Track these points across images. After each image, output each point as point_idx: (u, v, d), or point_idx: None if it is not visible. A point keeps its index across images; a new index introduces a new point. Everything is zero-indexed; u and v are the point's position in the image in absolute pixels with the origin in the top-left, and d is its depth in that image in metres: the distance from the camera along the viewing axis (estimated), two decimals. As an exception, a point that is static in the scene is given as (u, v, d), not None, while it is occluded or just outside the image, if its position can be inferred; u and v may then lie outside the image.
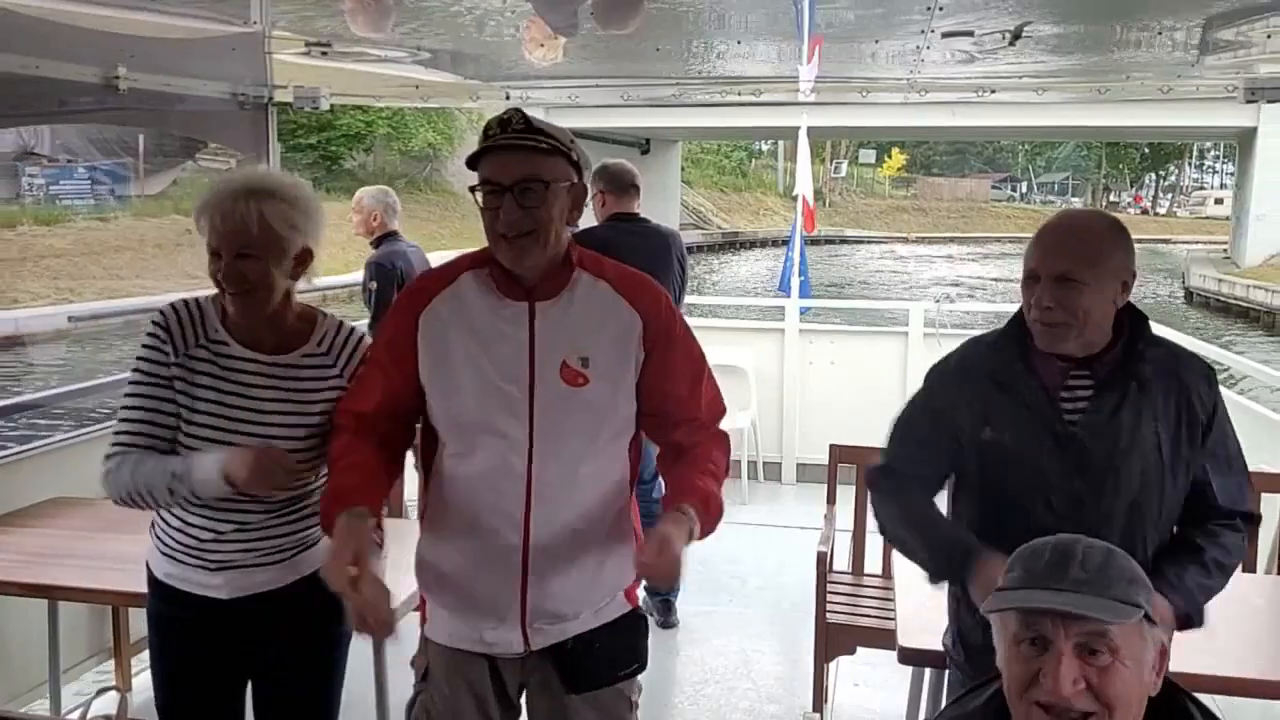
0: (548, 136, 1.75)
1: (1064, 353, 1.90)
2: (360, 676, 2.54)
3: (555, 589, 1.81)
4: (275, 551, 2.07)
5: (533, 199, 1.72)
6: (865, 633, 3.21)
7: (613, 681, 1.89)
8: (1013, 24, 3.12)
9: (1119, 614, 1.32)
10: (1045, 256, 1.86)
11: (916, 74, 4.16)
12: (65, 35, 3.17)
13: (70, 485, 3.34)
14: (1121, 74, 4.12)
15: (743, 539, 5.22)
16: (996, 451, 1.92)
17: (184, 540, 2.07)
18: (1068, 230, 1.90)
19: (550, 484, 1.79)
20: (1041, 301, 1.84)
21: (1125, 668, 1.32)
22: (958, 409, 1.97)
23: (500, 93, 4.71)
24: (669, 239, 4.11)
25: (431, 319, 1.82)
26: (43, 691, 3.26)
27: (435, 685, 1.92)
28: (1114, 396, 1.88)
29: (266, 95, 4.10)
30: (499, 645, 1.85)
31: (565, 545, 1.80)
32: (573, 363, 1.73)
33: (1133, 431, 1.87)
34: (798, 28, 3.17)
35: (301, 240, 1.99)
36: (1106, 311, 1.87)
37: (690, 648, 4.02)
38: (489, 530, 1.80)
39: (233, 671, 2.16)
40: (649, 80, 4.55)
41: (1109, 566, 1.36)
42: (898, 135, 47.47)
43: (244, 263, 1.93)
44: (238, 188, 1.95)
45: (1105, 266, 1.84)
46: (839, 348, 6.27)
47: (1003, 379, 1.93)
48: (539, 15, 2.96)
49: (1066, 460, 1.88)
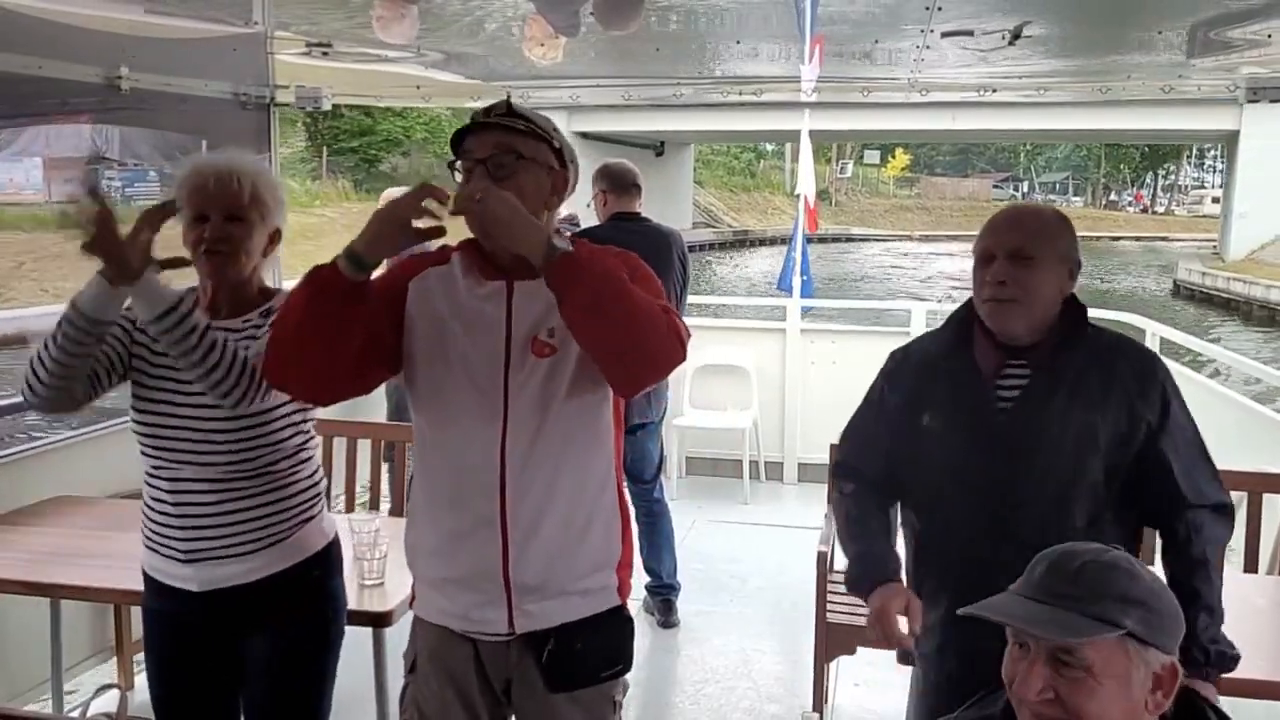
0: (527, 120, 1.81)
1: (1011, 335, 1.92)
2: (359, 673, 2.56)
3: (537, 558, 1.80)
4: (243, 543, 2.07)
5: (504, 171, 1.77)
6: (865, 633, 3.20)
7: (595, 682, 1.89)
8: (1012, 24, 3.13)
9: (1080, 632, 1.30)
10: (998, 235, 1.92)
11: (917, 74, 4.16)
12: (67, 35, 3.19)
13: (72, 484, 3.35)
14: (1123, 74, 4.12)
15: (744, 539, 5.23)
16: (931, 437, 1.96)
17: (155, 529, 2.10)
18: (1018, 212, 1.98)
19: (524, 453, 1.79)
20: (996, 277, 1.89)
21: (1101, 685, 1.30)
22: (896, 395, 2.03)
23: (501, 93, 4.70)
24: (670, 238, 4.12)
25: (421, 286, 1.86)
26: (45, 690, 3.27)
27: (422, 677, 1.93)
28: (1046, 384, 1.89)
29: (268, 95, 4.11)
30: (485, 624, 1.84)
31: (543, 514, 1.80)
32: (542, 336, 1.77)
33: (1063, 419, 1.87)
34: (799, 28, 3.17)
35: (277, 218, 2.11)
36: (1053, 296, 1.90)
37: (690, 647, 4.03)
38: (467, 502, 1.81)
39: (218, 668, 2.16)
40: (650, 80, 4.55)
41: (1100, 581, 1.33)
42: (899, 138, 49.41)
43: (231, 224, 2.03)
44: (229, 161, 2.06)
45: (1055, 247, 1.89)
46: (841, 348, 6.26)
47: (942, 364, 1.99)
48: (540, 15, 2.97)
49: (993, 445, 1.90)
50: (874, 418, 2.09)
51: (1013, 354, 1.93)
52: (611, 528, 1.89)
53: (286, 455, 2.12)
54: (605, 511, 1.88)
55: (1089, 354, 1.92)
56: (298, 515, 2.14)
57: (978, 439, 1.91)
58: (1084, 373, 1.90)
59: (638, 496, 4.12)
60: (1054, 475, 1.88)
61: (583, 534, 1.85)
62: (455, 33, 3.50)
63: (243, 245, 2.05)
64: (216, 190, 2.02)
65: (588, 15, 2.83)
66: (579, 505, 1.84)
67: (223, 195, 2.02)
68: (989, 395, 1.92)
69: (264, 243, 2.10)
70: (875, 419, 2.09)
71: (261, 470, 2.08)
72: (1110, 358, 1.92)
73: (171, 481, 2.07)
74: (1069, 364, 1.90)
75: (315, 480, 2.21)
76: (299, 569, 2.14)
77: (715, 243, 43.48)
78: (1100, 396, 1.89)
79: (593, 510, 1.86)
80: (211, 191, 2.02)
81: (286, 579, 2.12)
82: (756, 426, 6.11)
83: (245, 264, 2.07)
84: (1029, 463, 1.88)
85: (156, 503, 2.10)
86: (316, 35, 3.51)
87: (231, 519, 2.07)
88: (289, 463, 2.12)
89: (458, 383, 1.81)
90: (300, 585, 2.15)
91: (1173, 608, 1.38)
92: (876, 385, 2.10)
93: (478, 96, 4.81)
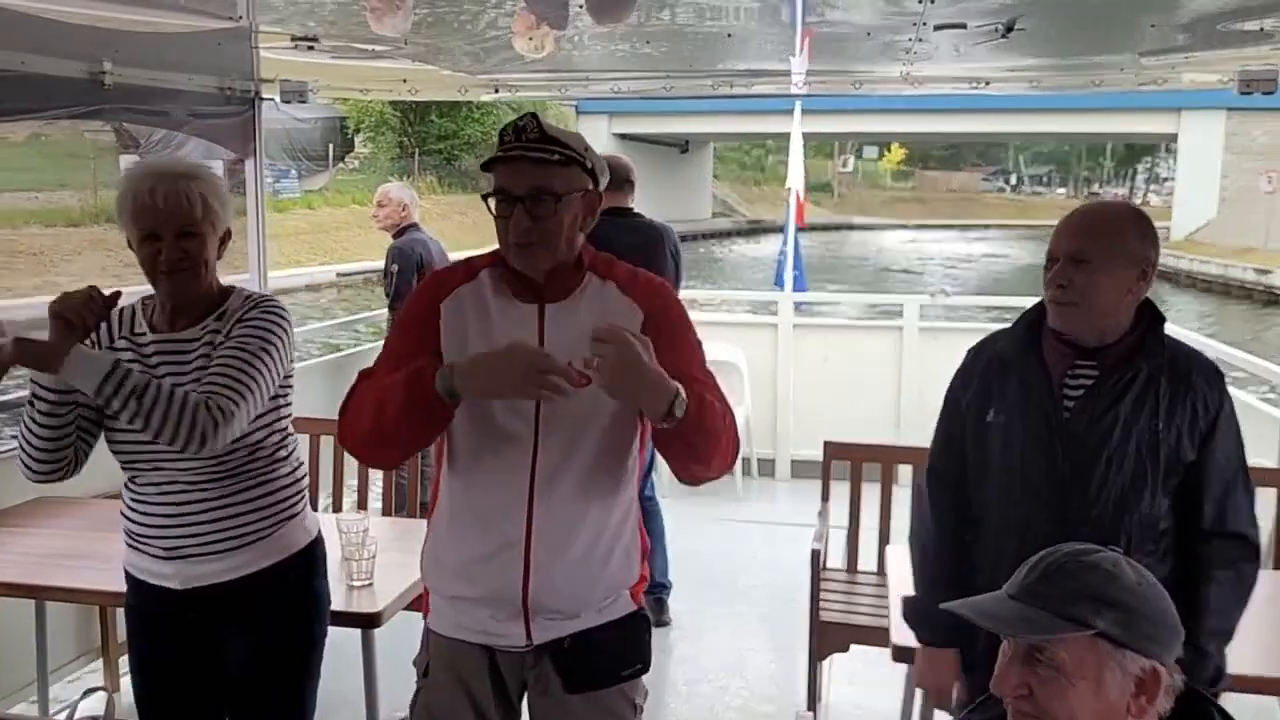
0: (561, 146, 1.75)
1: (1076, 336, 1.91)
2: (348, 675, 2.53)
3: (558, 585, 1.80)
4: (223, 540, 2.05)
5: (543, 209, 1.75)
6: (859, 630, 3.20)
7: (614, 683, 1.88)
8: (1004, 17, 3.11)
9: (1039, 629, 1.30)
10: (1061, 238, 1.91)
11: (910, 68, 4.14)
12: (50, 30, 3.15)
13: (55, 485, 3.29)
14: (1115, 67, 4.12)
15: (737, 536, 5.21)
16: (996, 434, 1.96)
17: (135, 529, 2.08)
18: (1085, 214, 1.95)
19: (553, 480, 1.79)
20: (1056, 280, 1.89)
21: (1072, 685, 1.29)
22: (968, 392, 2.03)
23: (488, 86, 4.68)
24: (662, 233, 4.08)
25: (453, 307, 1.84)
26: (31, 692, 3.25)
27: (436, 682, 1.92)
28: (1114, 388, 1.88)
29: (253, 89, 4.07)
30: (502, 638, 1.85)
31: (568, 542, 1.80)
32: (577, 364, 1.71)
33: (1128, 425, 1.86)
34: (790, 21, 3.16)
35: (226, 220, 2.04)
36: (1117, 297, 1.87)
37: (683, 646, 4.00)
38: (493, 526, 1.81)
39: (200, 665, 2.14)
40: (638, 74, 4.52)
41: (1076, 579, 1.32)
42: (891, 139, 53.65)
43: (186, 241, 1.95)
44: (170, 170, 1.96)
45: (1116, 250, 1.86)
46: (833, 343, 6.25)
47: (1010, 360, 1.98)
48: (529, 6, 2.94)
49: (1056, 445, 1.89)
50: (950, 416, 2.10)
51: (1082, 355, 1.92)
52: (632, 554, 1.89)
53: (264, 454, 2.09)
54: (626, 538, 1.88)
55: (1162, 361, 1.89)
56: (279, 513, 2.12)
57: (1039, 437, 1.91)
58: (1154, 379, 1.88)
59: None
60: (1115, 477, 1.87)
61: (604, 561, 1.84)
62: (443, 27, 3.47)
63: (199, 259, 1.98)
64: (167, 208, 1.93)
65: (577, 4, 2.80)
66: (603, 534, 1.84)
67: (174, 213, 1.93)
68: (1054, 395, 1.92)
69: (216, 246, 2.03)
70: (950, 417, 2.10)
71: (237, 470, 2.05)
72: (1185, 367, 1.90)
73: (148, 486, 2.05)
74: (1139, 369, 1.88)
75: (296, 478, 2.18)
76: (281, 567, 2.12)
77: (732, 230, 48.00)
78: (1169, 405, 1.87)
79: (615, 538, 1.86)
80: (161, 210, 1.93)
81: (268, 577, 2.10)
82: (749, 423, 6.08)
83: (203, 275, 2.01)
84: (1090, 463, 1.88)
85: (136, 504, 2.08)
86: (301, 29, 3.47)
87: (210, 517, 2.04)
88: (265, 461, 2.10)
89: (489, 407, 1.79)
90: (282, 583, 2.13)
91: (1158, 611, 1.33)
92: (953, 383, 2.11)
93: (465, 90, 4.78)
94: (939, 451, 2.12)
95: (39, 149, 22.47)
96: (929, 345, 5.96)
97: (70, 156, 22.08)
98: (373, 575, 2.58)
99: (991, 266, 37.59)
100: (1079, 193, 68.83)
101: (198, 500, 2.03)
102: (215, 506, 2.04)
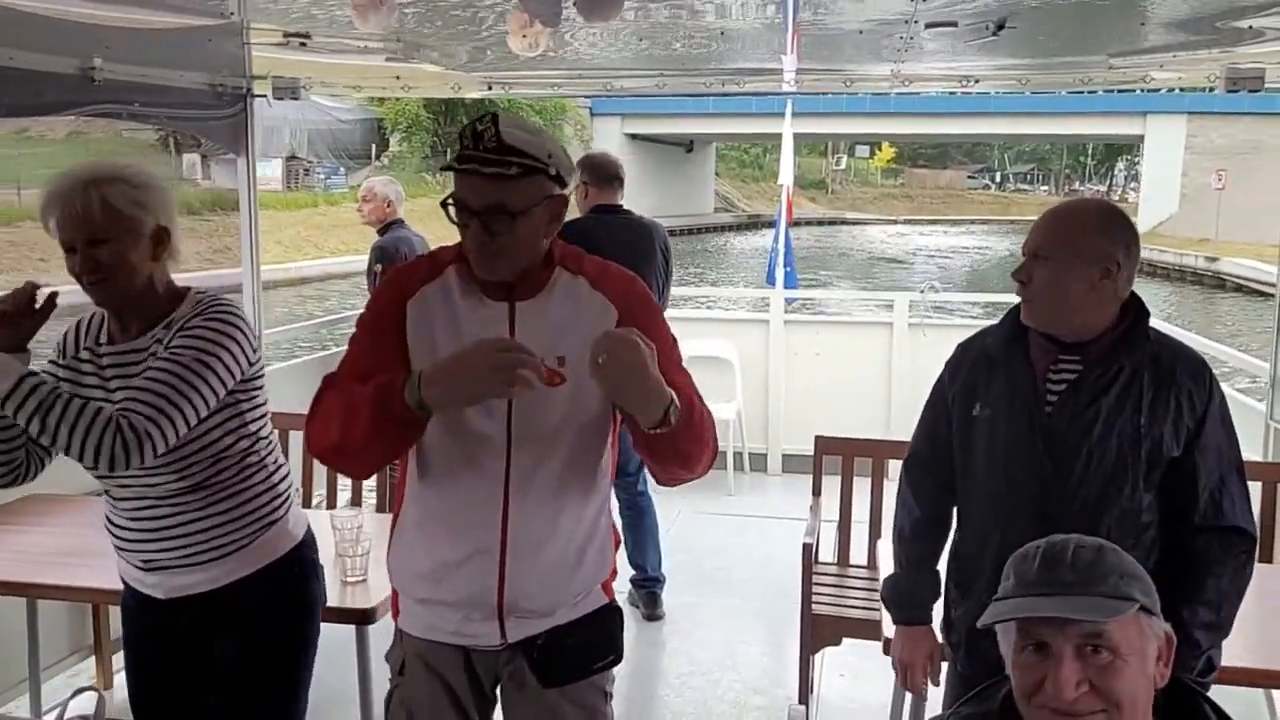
0: (520, 156, 1.66)
1: (1050, 332, 1.93)
2: (343, 672, 2.53)
3: (533, 588, 1.79)
4: (200, 553, 2.02)
5: (499, 225, 1.69)
6: (851, 624, 3.21)
7: (587, 675, 1.88)
8: (995, 16, 3.13)
9: (1111, 611, 1.30)
10: (1030, 234, 1.94)
11: (899, 66, 4.16)
12: (40, 26, 3.13)
13: (47, 483, 3.27)
14: (1104, 66, 4.13)
15: (728, 530, 5.23)
16: (980, 428, 1.98)
17: (115, 540, 2.08)
18: (1053, 212, 1.97)
19: (527, 486, 1.77)
20: (1018, 276, 1.93)
21: (1127, 664, 1.30)
22: (955, 386, 2.05)
23: (482, 84, 4.68)
24: (651, 230, 4.09)
25: (420, 307, 1.80)
26: (23, 690, 3.24)
27: (411, 678, 1.91)
28: (1096, 383, 1.89)
29: (245, 86, 4.06)
30: (476, 638, 1.84)
31: (543, 546, 1.79)
32: (550, 363, 1.68)
33: (1110, 420, 1.87)
34: (781, 18, 3.16)
35: (152, 219, 1.95)
36: (1080, 293, 1.87)
37: (675, 640, 4.02)
38: (467, 531, 1.78)
39: (191, 668, 2.13)
40: (631, 72, 4.53)
41: (1099, 563, 1.34)
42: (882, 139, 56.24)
43: (96, 249, 1.91)
44: (77, 180, 1.92)
45: (1076, 247, 1.87)
46: (824, 339, 6.27)
47: (996, 356, 2.00)
48: (522, 4, 2.94)
49: (1038, 440, 1.90)
50: (935, 406, 2.12)
51: (1065, 350, 1.93)
52: (605, 550, 1.88)
53: (230, 463, 2.03)
54: (600, 535, 1.88)
55: (1146, 357, 1.90)
56: (256, 521, 2.07)
57: (1022, 432, 1.92)
58: (1137, 374, 1.89)
59: (622, 489, 4.09)
60: (1095, 472, 1.88)
61: (579, 561, 1.84)
62: (435, 23, 3.47)
63: (118, 266, 1.92)
64: (71, 217, 1.89)
65: (569, 3, 2.80)
66: (577, 534, 1.83)
67: (76, 221, 1.89)
68: (1037, 390, 1.93)
69: (147, 249, 1.95)
70: (935, 407, 2.12)
71: (204, 483, 2.01)
72: (1170, 363, 1.90)
73: (121, 501, 2.03)
74: (1122, 365, 1.89)
75: (272, 484, 2.11)
76: (267, 571, 2.09)
77: (733, 224, 51.06)
78: (1151, 400, 1.88)
79: (588, 538, 1.85)
80: (67, 219, 1.89)
81: (254, 582, 2.07)
82: (740, 418, 6.10)
83: (132, 280, 1.95)
84: (1070, 458, 1.89)
85: (114, 515, 2.07)
86: (294, 26, 3.47)
87: (182, 531, 2.01)
88: (234, 471, 2.04)
89: (462, 412, 1.75)
90: (270, 587, 2.10)
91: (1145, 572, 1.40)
92: (941, 376, 2.13)
93: (458, 87, 4.77)
94: (921, 439, 2.15)
95: (82, 146, 22.48)
96: (920, 341, 5.99)
97: (111, 154, 22.27)
98: (367, 572, 2.59)
99: (975, 258, 40.06)
100: (1060, 190, 71.06)
101: (168, 515, 2.00)
102: (187, 520, 2.01)
